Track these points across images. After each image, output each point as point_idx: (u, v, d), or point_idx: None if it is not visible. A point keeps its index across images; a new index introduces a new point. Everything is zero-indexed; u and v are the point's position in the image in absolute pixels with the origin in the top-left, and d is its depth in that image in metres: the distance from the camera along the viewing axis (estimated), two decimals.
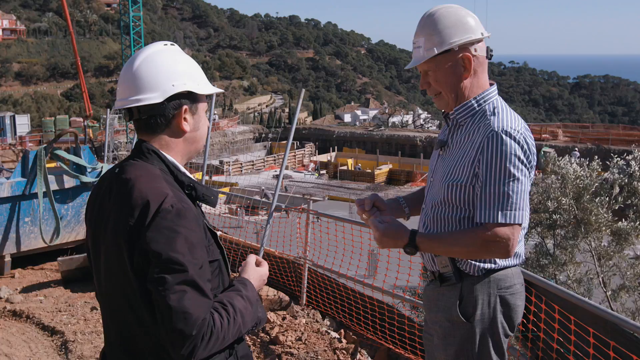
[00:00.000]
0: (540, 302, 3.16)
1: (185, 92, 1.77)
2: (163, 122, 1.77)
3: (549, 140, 42.11)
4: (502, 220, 2.07)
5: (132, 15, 46.74)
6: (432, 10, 2.24)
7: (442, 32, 2.18)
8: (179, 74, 1.77)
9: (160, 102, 1.74)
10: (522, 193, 2.09)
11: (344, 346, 4.71)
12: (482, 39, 2.22)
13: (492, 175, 2.08)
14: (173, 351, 1.58)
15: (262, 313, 1.81)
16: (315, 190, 36.85)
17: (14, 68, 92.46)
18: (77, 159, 7.01)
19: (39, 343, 5.02)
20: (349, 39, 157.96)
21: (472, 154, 2.14)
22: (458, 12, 2.21)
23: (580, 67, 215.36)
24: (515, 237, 2.10)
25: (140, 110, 1.74)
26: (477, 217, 2.13)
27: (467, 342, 2.23)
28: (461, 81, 2.22)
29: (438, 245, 2.21)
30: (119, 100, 1.80)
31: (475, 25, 2.21)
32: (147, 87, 1.74)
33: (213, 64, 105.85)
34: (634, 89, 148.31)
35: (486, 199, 2.10)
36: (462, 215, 2.20)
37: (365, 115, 79.17)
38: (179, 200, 1.66)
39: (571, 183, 7.33)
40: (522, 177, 2.09)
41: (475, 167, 2.12)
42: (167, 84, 1.75)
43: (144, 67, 1.75)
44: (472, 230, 2.14)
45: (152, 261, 1.59)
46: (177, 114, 1.78)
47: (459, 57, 2.19)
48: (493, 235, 2.08)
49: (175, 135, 1.80)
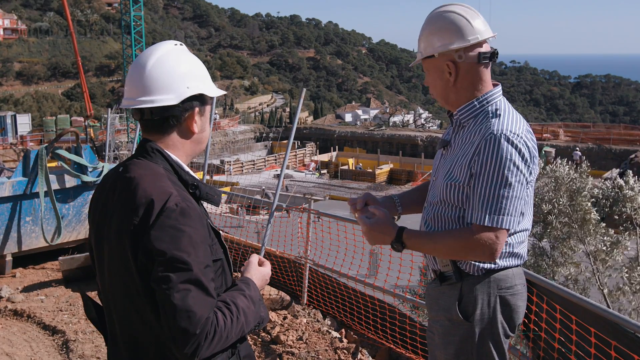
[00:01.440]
0: (542, 302, 3.15)
1: (197, 94, 1.79)
2: (174, 123, 1.78)
3: (550, 140, 42.06)
4: (488, 223, 2.07)
5: (133, 14, 46.75)
6: (430, 13, 2.26)
7: (428, 38, 2.22)
8: (193, 76, 1.79)
9: (175, 104, 1.75)
10: (514, 199, 2.07)
11: (345, 346, 4.71)
12: (468, 46, 2.16)
13: (485, 177, 2.08)
14: (176, 350, 1.58)
15: (264, 312, 1.81)
16: (316, 190, 36.83)
17: (15, 67, 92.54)
18: (78, 159, 7.01)
19: (40, 342, 5.03)
20: (350, 39, 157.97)
21: (469, 154, 2.14)
22: (449, 17, 2.18)
23: (581, 67, 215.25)
24: (500, 242, 2.09)
25: (153, 111, 1.75)
26: (467, 217, 2.15)
27: (466, 341, 2.23)
28: (447, 86, 2.23)
29: (423, 242, 2.22)
30: (128, 99, 1.79)
31: (463, 31, 2.15)
32: (162, 88, 1.74)
33: (214, 64, 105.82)
34: (635, 89, 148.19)
35: (476, 200, 2.10)
36: (459, 214, 2.21)
37: (366, 115, 79.19)
38: (183, 199, 1.67)
39: (565, 185, 7.40)
40: (517, 183, 2.07)
41: (472, 167, 2.12)
42: (182, 86, 1.76)
43: (157, 68, 1.75)
44: (458, 231, 2.16)
45: (156, 260, 1.59)
46: (189, 116, 1.80)
47: (444, 64, 2.20)
48: (477, 238, 2.08)
49: (184, 136, 1.81)
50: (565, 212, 7.34)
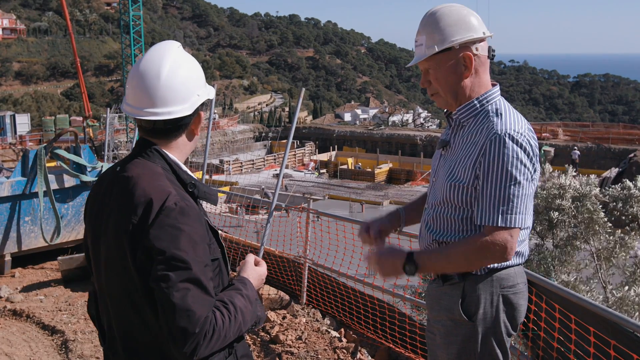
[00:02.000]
0: (541, 301, 3.15)
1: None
2: (183, 129, 1.80)
3: (549, 139, 42.05)
4: (501, 223, 2.06)
5: (132, 14, 46.70)
6: (435, 8, 2.24)
7: (444, 30, 2.17)
8: (199, 82, 1.81)
9: (190, 113, 1.77)
10: (524, 197, 2.08)
11: (344, 345, 4.71)
12: (484, 38, 2.20)
13: (494, 178, 2.07)
14: (175, 349, 1.58)
15: (261, 312, 1.82)
16: (316, 190, 36.85)
17: (14, 67, 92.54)
18: (77, 158, 7.00)
19: (39, 342, 5.02)
20: (349, 38, 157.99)
21: (474, 155, 2.13)
22: (460, 11, 2.20)
23: (580, 66, 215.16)
24: (513, 241, 2.09)
25: (166, 121, 1.75)
26: (476, 219, 2.13)
27: (469, 341, 2.21)
28: (461, 80, 2.21)
29: (436, 257, 2.20)
30: (137, 108, 1.75)
31: (477, 24, 2.20)
32: (178, 100, 1.74)
33: (213, 63, 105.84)
34: (634, 88, 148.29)
35: (486, 202, 2.09)
36: (463, 215, 2.19)
37: (365, 114, 79.18)
38: (182, 198, 1.67)
39: (570, 193, 7.44)
40: (524, 180, 2.07)
41: (477, 169, 2.11)
42: (194, 94, 1.78)
43: (172, 79, 1.73)
44: (469, 237, 2.15)
45: (155, 259, 1.59)
46: (195, 120, 1.82)
47: (460, 56, 2.18)
48: (491, 239, 2.07)
49: (188, 139, 1.84)
50: (571, 214, 7.37)
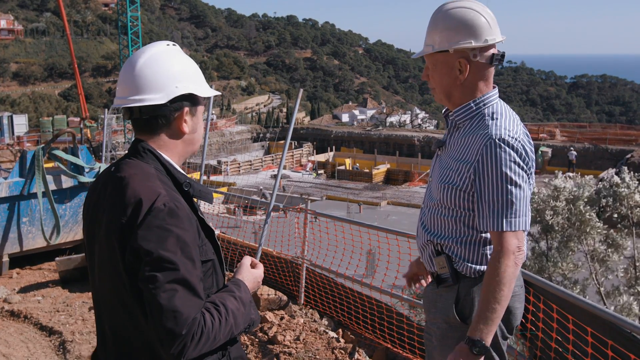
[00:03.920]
0: (539, 302, 3.16)
1: (187, 94, 1.78)
2: (164, 122, 1.77)
3: (546, 140, 42.10)
4: (506, 228, 2.04)
5: (129, 15, 46.66)
6: (445, 6, 2.20)
7: (443, 32, 2.15)
8: (183, 76, 1.78)
9: (163, 103, 1.74)
10: (524, 199, 2.07)
11: (342, 345, 4.71)
12: (484, 46, 2.14)
13: (492, 183, 2.06)
14: (163, 350, 1.58)
15: (255, 315, 1.80)
16: (313, 190, 36.84)
17: (12, 68, 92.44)
18: (75, 159, 7.00)
19: (37, 343, 5.02)
20: (347, 39, 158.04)
21: (469, 159, 2.12)
22: (466, 14, 2.14)
23: (577, 67, 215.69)
24: (522, 243, 2.07)
25: (142, 110, 1.74)
26: (479, 226, 2.11)
27: None
28: (454, 84, 2.19)
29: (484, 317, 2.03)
30: (119, 98, 1.79)
31: (482, 29, 2.13)
32: (151, 87, 1.74)
33: (211, 64, 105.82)
34: (631, 89, 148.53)
35: (488, 208, 2.07)
36: (458, 216, 2.19)
37: (363, 115, 79.29)
38: (172, 199, 1.66)
39: (565, 196, 7.45)
40: (523, 183, 2.06)
41: (472, 173, 2.10)
42: (171, 85, 1.75)
43: (147, 67, 1.75)
44: (486, 274, 2.06)
45: (143, 259, 1.58)
46: (178, 116, 1.78)
47: (456, 61, 2.16)
48: (504, 249, 2.03)
49: (174, 137, 1.80)
50: (565, 216, 7.38)
